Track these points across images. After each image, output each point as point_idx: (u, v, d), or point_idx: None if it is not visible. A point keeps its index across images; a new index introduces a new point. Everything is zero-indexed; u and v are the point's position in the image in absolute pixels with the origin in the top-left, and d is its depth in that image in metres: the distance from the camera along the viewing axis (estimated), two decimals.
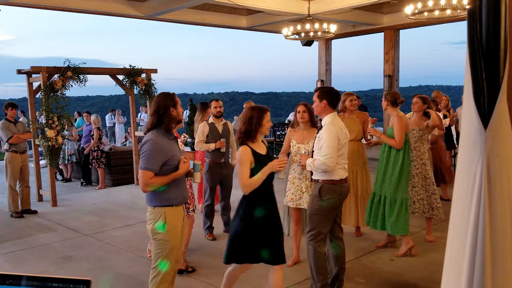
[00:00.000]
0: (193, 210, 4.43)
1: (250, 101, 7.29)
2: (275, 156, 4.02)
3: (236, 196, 4.26)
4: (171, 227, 3.04)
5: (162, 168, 3.00)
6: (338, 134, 3.48)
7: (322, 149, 3.48)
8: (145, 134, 3.14)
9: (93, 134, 9.14)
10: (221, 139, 5.29)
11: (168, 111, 3.05)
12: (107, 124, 17.37)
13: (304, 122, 4.32)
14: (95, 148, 9.03)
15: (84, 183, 9.67)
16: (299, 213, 4.47)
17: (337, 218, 3.74)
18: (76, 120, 12.24)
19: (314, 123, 4.36)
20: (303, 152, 3.81)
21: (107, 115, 17.76)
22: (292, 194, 4.38)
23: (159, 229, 3.03)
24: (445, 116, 7.81)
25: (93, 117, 9.37)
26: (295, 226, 4.49)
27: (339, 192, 3.56)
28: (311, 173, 3.76)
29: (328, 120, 3.57)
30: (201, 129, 5.40)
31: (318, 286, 3.63)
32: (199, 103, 6.37)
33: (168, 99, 3.09)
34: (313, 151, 3.70)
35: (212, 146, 5.27)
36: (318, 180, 3.60)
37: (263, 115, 3.18)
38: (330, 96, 3.58)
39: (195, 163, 3.34)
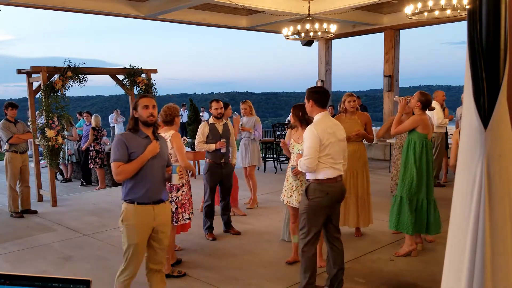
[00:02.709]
0: (189, 218, 4.36)
1: (247, 100, 7.29)
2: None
3: (241, 197, 4.23)
4: (127, 223, 3.14)
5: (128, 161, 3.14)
6: (319, 134, 3.47)
7: (303, 150, 3.58)
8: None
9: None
10: (222, 140, 5.29)
11: (132, 113, 3.25)
12: (111, 124, 17.34)
13: (296, 124, 4.31)
14: (91, 148, 9.02)
15: (84, 183, 9.67)
16: (295, 211, 4.47)
17: (332, 219, 3.69)
18: (79, 120, 12.23)
19: (308, 123, 4.37)
20: (297, 152, 3.83)
21: (110, 115, 17.73)
22: (285, 191, 4.43)
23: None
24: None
25: (93, 117, 9.37)
26: (293, 225, 4.50)
27: (326, 191, 3.53)
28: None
29: (316, 120, 3.62)
30: (201, 129, 5.40)
31: (303, 284, 3.64)
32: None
33: (135, 101, 3.27)
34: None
35: (212, 146, 5.27)
36: (308, 179, 3.66)
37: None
38: (316, 95, 3.60)
39: (173, 164, 3.43)
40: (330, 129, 3.56)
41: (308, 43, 11.33)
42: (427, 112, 4.65)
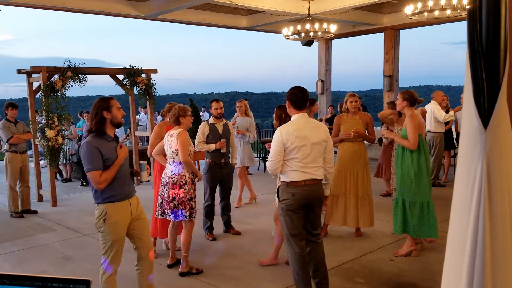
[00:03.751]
0: (194, 216, 4.33)
1: (243, 99, 7.31)
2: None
3: (234, 196, 4.24)
4: (111, 221, 3.22)
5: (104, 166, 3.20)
6: (283, 138, 3.43)
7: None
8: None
9: None
10: (222, 140, 5.29)
11: (101, 115, 3.20)
12: None
13: (276, 126, 4.29)
14: None
15: (84, 183, 9.65)
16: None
17: (307, 224, 3.62)
18: (80, 120, 12.20)
19: None
20: None
21: None
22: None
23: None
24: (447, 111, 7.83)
25: None
26: (276, 226, 4.52)
27: (291, 193, 3.48)
28: None
29: (288, 122, 3.61)
30: (201, 129, 5.40)
31: (295, 286, 3.67)
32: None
33: (101, 102, 3.24)
34: None
35: (212, 146, 5.27)
36: (280, 181, 3.65)
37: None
38: (291, 96, 3.54)
39: (140, 163, 3.67)
40: (299, 132, 3.44)
41: (308, 43, 11.33)
42: (430, 111, 4.67)
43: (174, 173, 4.27)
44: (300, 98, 3.52)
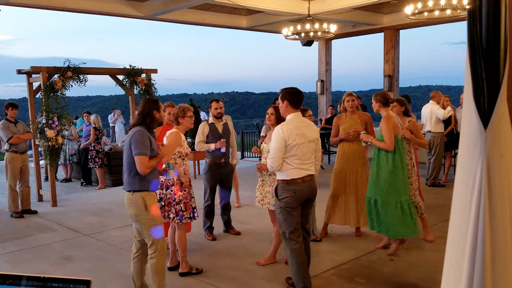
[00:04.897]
0: (190, 218, 4.27)
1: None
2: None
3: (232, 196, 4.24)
4: (151, 207, 3.51)
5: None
6: (285, 135, 3.51)
7: (270, 149, 3.68)
8: (129, 130, 3.67)
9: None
10: (222, 139, 5.28)
11: (152, 113, 3.57)
12: (110, 124, 17.32)
13: (272, 124, 4.30)
14: (91, 148, 9.01)
15: (84, 183, 9.67)
16: (272, 214, 4.48)
17: (302, 218, 3.72)
18: (77, 118, 12.20)
19: None
20: (266, 151, 3.90)
21: (109, 115, 17.72)
22: (260, 195, 4.49)
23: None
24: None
25: (92, 117, 9.37)
26: (274, 228, 4.51)
27: (293, 190, 3.58)
28: None
29: (286, 120, 3.67)
30: (201, 129, 5.39)
31: (295, 282, 3.73)
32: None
33: (153, 103, 3.64)
34: None
35: (212, 146, 5.26)
36: (277, 179, 3.72)
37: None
38: (291, 96, 3.63)
39: (169, 162, 3.98)
40: (298, 130, 3.57)
41: (308, 43, 11.33)
42: (429, 111, 4.67)
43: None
44: (298, 98, 3.66)
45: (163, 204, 4.27)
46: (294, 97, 3.63)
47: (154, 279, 3.60)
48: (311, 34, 8.40)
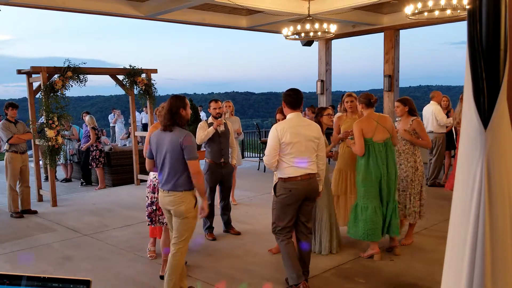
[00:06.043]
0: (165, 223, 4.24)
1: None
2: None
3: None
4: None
5: None
6: (278, 134, 3.66)
7: None
8: (163, 130, 3.58)
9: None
10: (219, 119, 5.33)
11: (179, 112, 3.55)
12: (111, 124, 17.32)
13: None
14: (94, 148, 9.01)
15: (84, 183, 9.66)
16: None
17: (301, 216, 3.84)
18: (82, 120, 12.18)
19: None
20: None
21: (110, 115, 17.72)
22: None
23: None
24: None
25: (87, 118, 9.35)
26: None
27: (289, 189, 3.70)
28: None
29: (286, 119, 3.83)
30: (200, 126, 5.43)
31: (288, 276, 3.86)
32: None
33: (179, 100, 3.59)
34: None
35: (210, 129, 5.29)
36: (278, 177, 3.86)
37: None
38: (286, 97, 3.83)
39: None
40: (293, 129, 3.68)
41: (308, 43, 11.33)
42: (431, 112, 4.66)
43: (155, 177, 4.28)
44: (294, 99, 3.81)
45: (154, 208, 4.26)
46: (290, 98, 3.81)
47: (175, 276, 3.58)
48: (311, 34, 8.39)
